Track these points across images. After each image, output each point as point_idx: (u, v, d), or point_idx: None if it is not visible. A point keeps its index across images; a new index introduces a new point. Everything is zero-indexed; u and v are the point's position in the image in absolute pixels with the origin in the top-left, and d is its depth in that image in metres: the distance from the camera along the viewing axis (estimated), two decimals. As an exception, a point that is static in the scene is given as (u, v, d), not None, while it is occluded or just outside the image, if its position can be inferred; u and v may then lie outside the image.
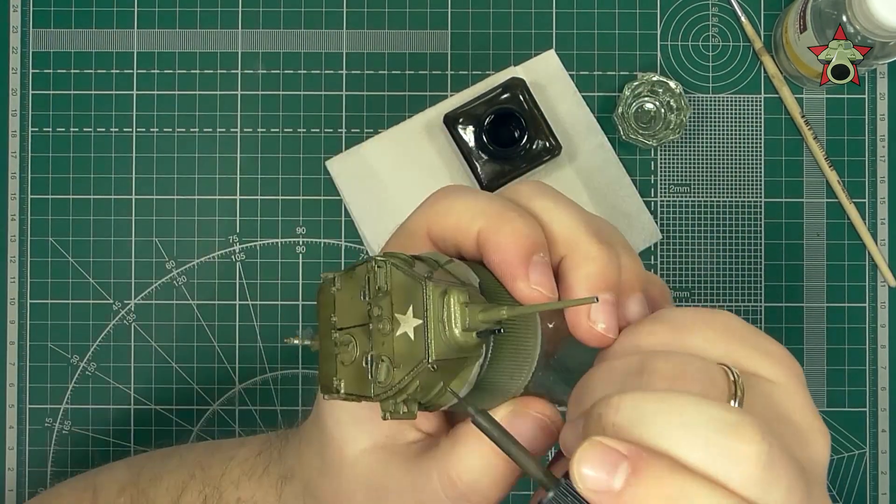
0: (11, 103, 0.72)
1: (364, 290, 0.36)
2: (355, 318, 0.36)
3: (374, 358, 0.35)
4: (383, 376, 0.35)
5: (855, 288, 0.72)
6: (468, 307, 0.35)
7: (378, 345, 0.35)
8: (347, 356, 0.36)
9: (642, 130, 0.71)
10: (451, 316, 0.35)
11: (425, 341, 0.35)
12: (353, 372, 0.36)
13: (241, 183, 0.72)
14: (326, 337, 0.37)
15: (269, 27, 0.72)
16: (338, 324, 0.37)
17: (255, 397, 0.72)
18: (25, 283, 0.72)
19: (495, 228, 0.38)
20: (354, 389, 0.36)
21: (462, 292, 0.35)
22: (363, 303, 0.36)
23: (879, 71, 0.72)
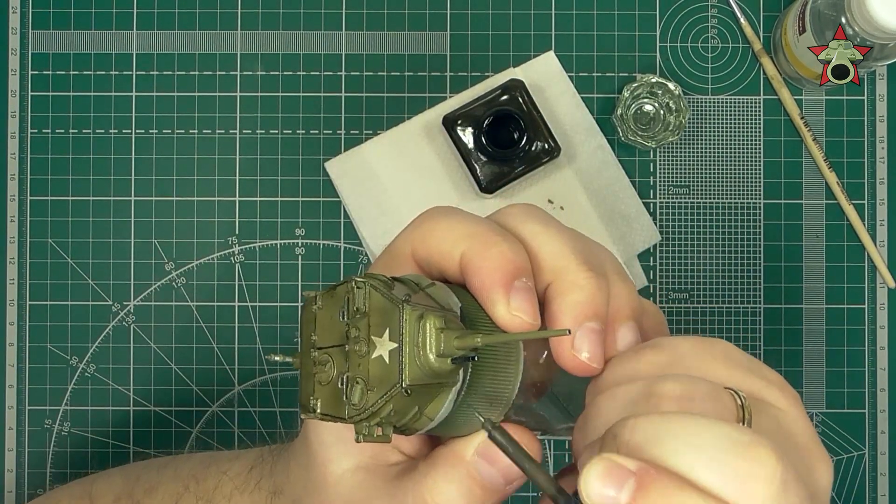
0: (10, 105, 0.72)
1: (343, 310, 0.36)
2: (334, 337, 0.36)
3: (350, 379, 0.35)
4: (357, 398, 0.35)
5: (854, 289, 0.72)
6: (444, 333, 0.35)
7: (354, 366, 0.35)
8: (325, 376, 0.36)
9: (641, 132, 0.71)
10: (426, 341, 0.34)
11: (399, 365, 0.34)
12: (330, 392, 0.36)
13: (240, 184, 0.72)
14: (307, 355, 0.37)
15: (268, 28, 0.72)
16: (317, 343, 0.37)
17: (255, 399, 0.72)
18: (25, 284, 0.72)
19: (478, 252, 0.38)
20: (330, 410, 0.36)
21: (438, 317, 0.35)
22: (342, 323, 0.36)
23: (878, 72, 0.72)
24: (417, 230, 0.40)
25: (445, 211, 0.40)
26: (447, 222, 0.39)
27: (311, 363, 0.37)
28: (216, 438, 0.72)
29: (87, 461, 0.71)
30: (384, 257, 0.41)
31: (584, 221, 0.71)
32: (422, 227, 0.40)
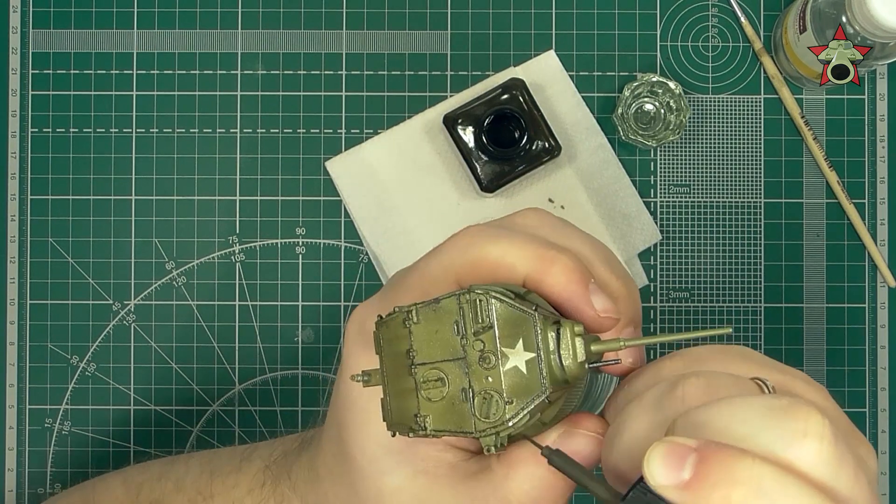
0: (11, 104, 0.72)
1: (458, 323, 0.35)
2: (444, 352, 0.35)
3: (476, 393, 0.35)
4: (493, 411, 0.35)
5: (854, 289, 0.72)
6: (582, 338, 0.35)
7: (480, 379, 0.35)
8: (436, 392, 0.35)
9: (642, 131, 0.71)
10: (567, 348, 0.35)
11: (540, 374, 0.35)
12: (444, 408, 0.35)
13: (240, 183, 0.72)
14: (400, 374, 0.36)
15: (268, 28, 0.72)
16: (418, 359, 0.36)
17: (255, 398, 0.72)
18: (25, 283, 0.72)
19: (544, 271, 0.39)
20: (447, 426, 0.35)
21: (576, 324, 0.35)
22: (454, 337, 0.35)
23: (879, 72, 0.72)
24: (462, 257, 0.40)
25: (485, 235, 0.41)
26: (497, 249, 0.40)
27: (411, 380, 0.36)
28: (217, 437, 0.72)
29: (88, 460, 0.71)
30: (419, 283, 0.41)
31: (585, 220, 0.71)
32: (467, 254, 0.40)
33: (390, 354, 0.37)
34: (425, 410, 0.36)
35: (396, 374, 0.36)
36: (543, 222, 0.42)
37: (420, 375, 0.36)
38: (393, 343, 0.37)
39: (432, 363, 0.36)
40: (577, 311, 0.39)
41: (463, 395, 0.35)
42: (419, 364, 0.36)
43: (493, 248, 0.40)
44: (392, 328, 0.37)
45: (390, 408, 0.37)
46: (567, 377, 0.35)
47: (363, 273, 0.72)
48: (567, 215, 0.71)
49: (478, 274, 0.40)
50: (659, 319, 0.72)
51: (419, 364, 0.36)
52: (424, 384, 0.36)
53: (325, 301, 0.72)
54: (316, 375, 0.72)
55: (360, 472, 0.43)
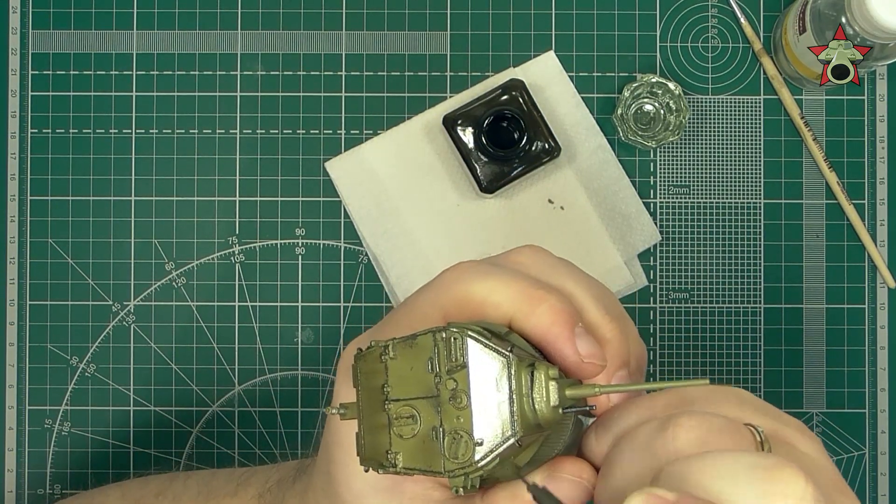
0: (11, 105, 0.72)
1: (432, 361, 0.34)
2: (417, 389, 0.35)
3: (447, 432, 0.34)
4: (462, 452, 0.34)
5: (854, 289, 0.72)
6: (557, 382, 0.34)
7: (451, 419, 0.34)
8: (408, 429, 0.35)
9: (641, 132, 0.71)
10: (541, 392, 0.34)
11: (512, 417, 0.34)
12: (415, 445, 0.35)
13: (240, 184, 0.72)
14: (375, 408, 0.35)
15: (268, 28, 0.72)
16: (392, 394, 0.35)
17: (255, 398, 0.72)
18: (25, 284, 0.72)
19: (529, 311, 0.38)
20: (417, 464, 0.35)
21: (551, 367, 0.34)
22: (429, 374, 0.34)
23: (879, 72, 0.72)
24: (448, 295, 0.40)
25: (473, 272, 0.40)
26: (483, 287, 0.39)
27: (384, 415, 0.35)
28: (216, 438, 0.72)
29: (88, 461, 0.71)
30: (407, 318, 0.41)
31: (584, 221, 0.71)
32: (453, 291, 0.40)
33: (367, 388, 0.36)
34: (396, 447, 0.35)
35: (372, 408, 0.36)
36: (537, 260, 0.41)
37: (393, 412, 0.35)
38: (370, 377, 0.36)
39: (405, 400, 0.35)
40: (559, 355, 0.38)
41: (433, 433, 0.34)
42: (392, 400, 0.35)
43: (480, 285, 0.39)
44: (370, 362, 0.36)
45: (364, 442, 0.36)
46: (539, 421, 0.34)
47: (363, 274, 0.72)
48: (566, 216, 0.71)
49: (464, 311, 0.39)
50: (658, 320, 0.72)
51: (392, 400, 0.35)
52: (396, 420, 0.35)
53: (325, 302, 0.72)
54: (316, 376, 0.72)
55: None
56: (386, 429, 0.35)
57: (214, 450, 0.72)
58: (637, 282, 0.72)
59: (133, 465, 0.71)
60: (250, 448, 0.71)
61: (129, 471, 0.72)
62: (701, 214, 0.72)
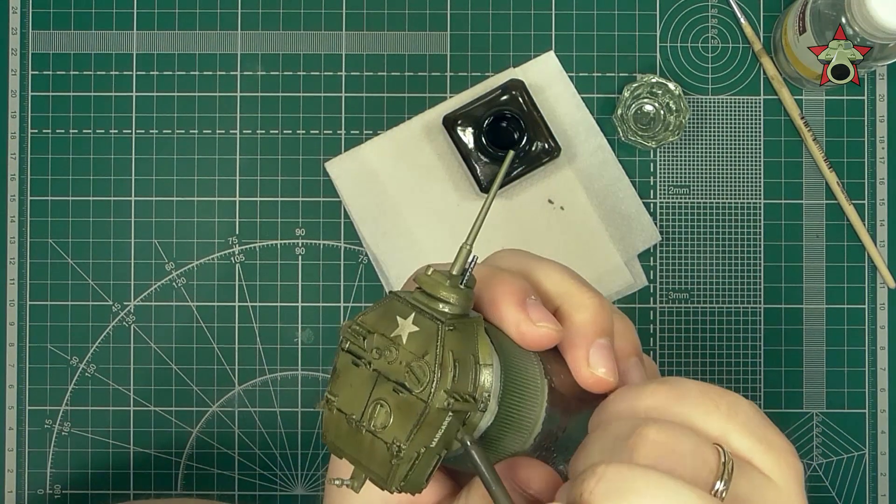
0: (11, 105, 0.72)
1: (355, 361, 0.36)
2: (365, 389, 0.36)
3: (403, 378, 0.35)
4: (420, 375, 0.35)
5: (854, 289, 0.72)
6: (436, 273, 0.36)
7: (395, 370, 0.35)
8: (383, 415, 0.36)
9: (641, 132, 0.71)
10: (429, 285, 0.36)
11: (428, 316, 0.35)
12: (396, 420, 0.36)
13: (240, 184, 0.72)
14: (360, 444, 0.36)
15: (268, 29, 0.72)
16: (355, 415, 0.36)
17: (255, 399, 0.72)
18: (25, 284, 0.72)
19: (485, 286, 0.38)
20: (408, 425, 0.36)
21: (421, 272, 0.36)
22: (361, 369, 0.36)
23: (879, 72, 0.72)
24: None
25: None
26: None
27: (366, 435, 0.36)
28: (216, 438, 0.72)
29: (88, 461, 0.72)
30: None
31: (585, 221, 0.71)
32: None
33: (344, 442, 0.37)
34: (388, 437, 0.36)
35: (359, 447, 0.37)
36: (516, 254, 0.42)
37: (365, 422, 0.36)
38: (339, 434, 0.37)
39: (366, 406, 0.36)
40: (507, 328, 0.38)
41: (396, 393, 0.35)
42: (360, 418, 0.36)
43: None
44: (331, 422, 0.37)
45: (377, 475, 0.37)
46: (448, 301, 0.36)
47: (363, 274, 0.72)
48: (566, 216, 0.71)
49: None
50: (658, 320, 0.72)
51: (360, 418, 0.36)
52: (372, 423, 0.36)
53: (325, 302, 0.72)
54: (315, 376, 0.72)
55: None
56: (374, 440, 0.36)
57: (214, 450, 0.72)
58: (637, 282, 0.72)
59: (133, 465, 0.71)
60: (250, 448, 0.72)
61: (129, 471, 0.72)
62: (701, 215, 0.72)
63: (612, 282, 0.71)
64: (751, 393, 0.71)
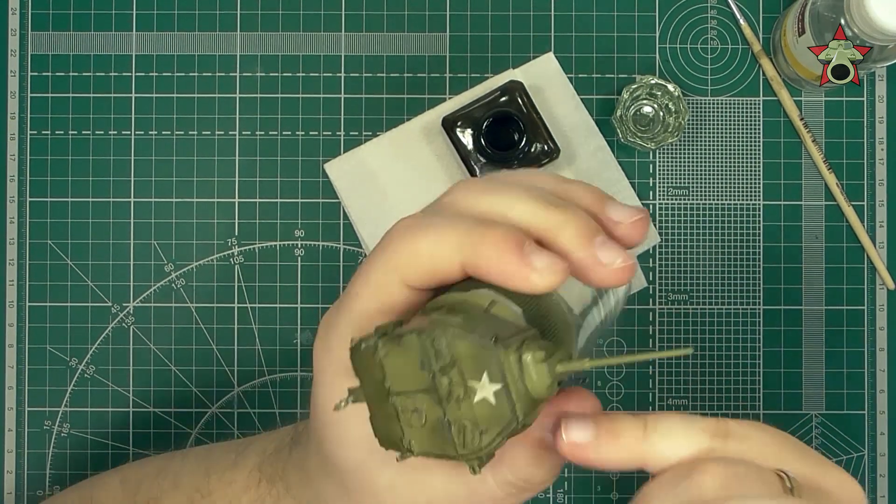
0: (10, 106, 0.72)
1: (423, 361, 0.36)
2: (415, 384, 0.36)
3: (453, 423, 0.35)
4: (469, 440, 0.35)
5: (853, 290, 0.72)
6: (546, 364, 0.35)
7: (454, 410, 0.35)
8: (416, 420, 0.36)
9: (641, 133, 0.71)
10: (531, 376, 0.35)
11: (510, 404, 0.35)
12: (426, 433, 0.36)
13: (239, 186, 0.72)
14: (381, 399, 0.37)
15: (267, 30, 0.72)
16: (394, 388, 0.36)
17: (254, 400, 0.72)
18: (24, 285, 0.72)
19: (475, 253, 0.38)
20: (431, 449, 0.36)
21: (536, 349, 0.35)
22: (423, 371, 0.36)
23: (878, 74, 0.72)
24: (397, 257, 0.40)
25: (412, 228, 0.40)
26: (426, 240, 0.39)
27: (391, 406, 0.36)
28: (216, 440, 0.72)
29: (87, 462, 0.72)
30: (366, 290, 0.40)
31: (584, 223, 0.71)
32: (400, 252, 0.39)
33: (369, 381, 0.37)
34: (409, 435, 0.36)
35: (378, 399, 0.37)
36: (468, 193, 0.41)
37: (398, 404, 0.36)
38: (369, 371, 0.37)
39: (407, 394, 0.36)
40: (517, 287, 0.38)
41: (440, 423, 0.36)
42: (395, 394, 0.36)
43: (424, 242, 0.39)
44: (365, 358, 0.37)
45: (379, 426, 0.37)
46: (535, 398, 0.35)
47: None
48: (566, 217, 0.71)
49: (419, 271, 0.39)
50: (658, 322, 0.72)
51: (395, 394, 0.36)
52: (403, 413, 0.36)
53: (324, 303, 0.72)
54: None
55: (349, 475, 0.43)
56: (395, 418, 0.36)
57: (214, 451, 0.72)
58: (636, 283, 0.72)
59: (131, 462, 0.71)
60: (250, 449, 0.72)
61: (128, 472, 0.72)
62: (700, 216, 0.72)
63: (611, 283, 0.71)
64: (750, 394, 0.71)
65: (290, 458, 0.49)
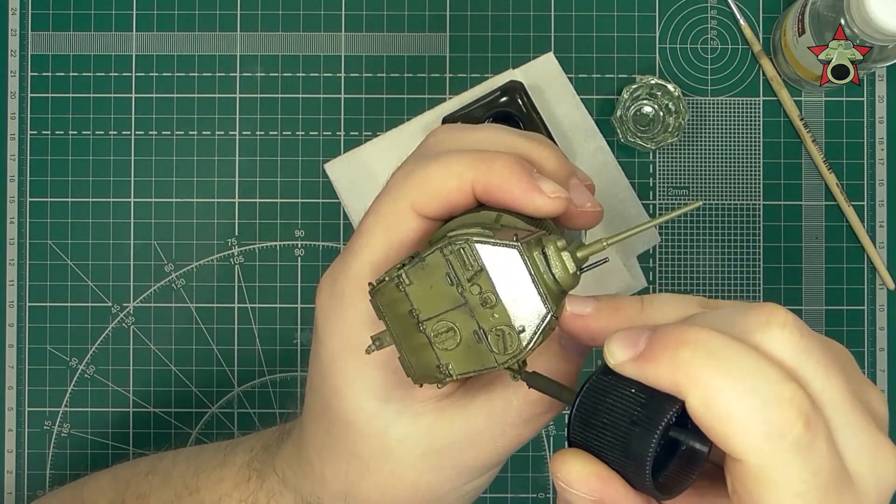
0: (10, 106, 0.72)
1: (449, 275, 0.36)
2: (444, 303, 0.37)
3: (488, 332, 0.36)
4: (509, 344, 0.36)
5: (853, 291, 0.72)
6: (566, 251, 0.37)
7: (487, 318, 0.36)
8: (450, 341, 0.37)
9: (641, 133, 0.71)
10: (556, 264, 0.36)
11: (542, 297, 0.36)
12: (462, 352, 0.37)
13: (239, 186, 0.72)
14: (409, 332, 0.38)
15: (267, 30, 0.72)
16: (422, 315, 0.37)
17: (254, 400, 0.72)
18: (24, 286, 0.72)
19: (487, 175, 0.40)
20: (470, 367, 0.37)
21: (557, 239, 0.37)
22: (450, 287, 0.36)
23: (878, 74, 0.72)
24: (409, 186, 0.41)
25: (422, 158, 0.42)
26: (437, 165, 0.41)
27: (422, 336, 0.37)
28: (215, 440, 0.72)
29: (87, 462, 0.72)
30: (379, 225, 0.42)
31: (584, 223, 0.71)
32: (412, 181, 0.41)
33: (392, 317, 0.38)
34: (445, 359, 0.37)
35: (405, 333, 0.38)
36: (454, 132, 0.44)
37: (430, 330, 0.37)
38: (392, 307, 0.38)
39: (437, 316, 0.37)
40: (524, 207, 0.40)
41: (476, 336, 0.37)
42: (425, 320, 0.37)
43: (434, 168, 0.41)
44: (387, 294, 0.38)
45: (410, 364, 0.38)
46: (563, 289, 0.37)
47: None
48: (566, 218, 0.71)
49: (432, 195, 0.40)
50: (658, 322, 0.72)
51: (425, 320, 0.37)
52: (437, 337, 0.37)
53: (324, 303, 0.72)
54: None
55: (360, 433, 0.43)
56: (427, 347, 0.37)
57: (214, 451, 0.72)
58: (636, 283, 0.72)
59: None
60: (250, 449, 0.72)
61: (128, 472, 0.72)
62: (700, 216, 0.72)
63: (611, 283, 0.71)
64: (750, 394, 0.71)
65: (279, 452, 0.49)
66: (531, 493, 0.71)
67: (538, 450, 0.72)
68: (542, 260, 0.36)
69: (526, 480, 0.71)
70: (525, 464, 0.71)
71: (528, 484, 0.71)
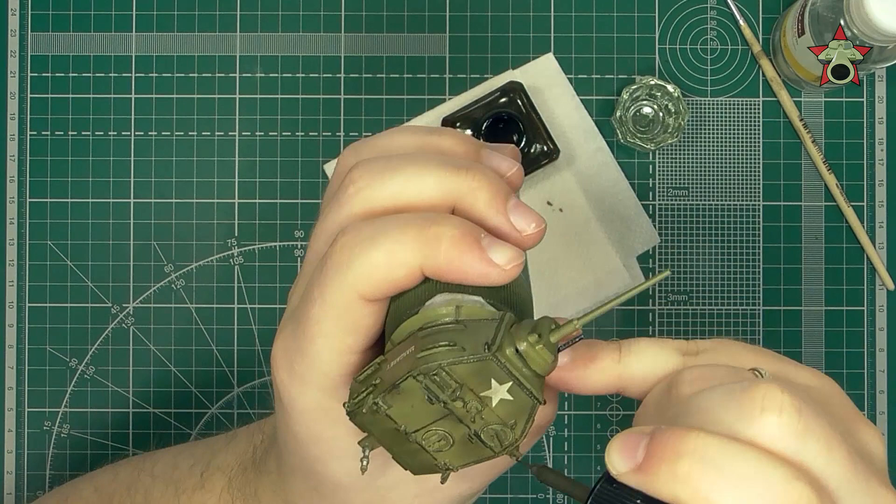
0: (10, 107, 0.72)
1: (429, 398, 0.36)
2: (430, 416, 0.37)
3: (480, 432, 0.37)
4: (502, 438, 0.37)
5: (853, 291, 0.72)
6: (540, 344, 0.36)
7: (478, 422, 0.36)
8: (444, 444, 0.37)
9: (640, 134, 0.71)
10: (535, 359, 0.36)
11: (526, 392, 0.36)
12: (457, 450, 0.37)
13: (239, 186, 0.72)
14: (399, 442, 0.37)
15: (267, 31, 0.72)
16: (410, 429, 0.37)
17: (254, 401, 0.72)
18: (24, 286, 0.72)
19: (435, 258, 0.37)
20: (468, 458, 0.38)
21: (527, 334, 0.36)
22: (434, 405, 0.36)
23: (878, 74, 0.72)
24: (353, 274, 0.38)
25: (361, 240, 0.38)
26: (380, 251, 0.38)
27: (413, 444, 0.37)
28: (215, 440, 0.72)
29: (87, 463, 0.72)
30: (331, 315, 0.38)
31: (583, 223, 0.71)
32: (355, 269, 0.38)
33: (381, 431, 0.37)
34: (442, 458, 0.38)
35: (395, 441, 0.37)
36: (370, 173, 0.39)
37: (420, 439, 0.37)
38: (378, 424, 0.37)
39: (425, 427, 0.37)
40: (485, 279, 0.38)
41: (469, 438, 0.37)
42: (413, 432, 0.37)
43: (377, 254, 0.37)
44: (369, 416, 0.37)
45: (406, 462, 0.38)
46: (544, 375, 0.37)
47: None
48: (566, 218, 0.71)
49: (378, 284, 0.38)
50: (657, 322, 0.72)
51: (413, 432, 0.37)
52: (429, 445, 0.37)
53: (324, 304, 0.72)
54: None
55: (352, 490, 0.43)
56: (421, 451, 0.37)
57: (213, 452, 0.72)
58: (635, 283, 0.72)
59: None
60: (249, 450, 0.72)
61: (128, 473, 0.72)
62: (700, 216, 0.72)
63: (610, 284, 0.71)
64: (750, 395, 0.71)
65: (259, 481, 0.48)
66: (531, 494, 0.72)
67: (538, 450, 0.72)
68: (517, 358, 0.36)
69: (526, 481, 0.71)
70: (525, 464, 0.71)
71: (528, 484, 0.71)
